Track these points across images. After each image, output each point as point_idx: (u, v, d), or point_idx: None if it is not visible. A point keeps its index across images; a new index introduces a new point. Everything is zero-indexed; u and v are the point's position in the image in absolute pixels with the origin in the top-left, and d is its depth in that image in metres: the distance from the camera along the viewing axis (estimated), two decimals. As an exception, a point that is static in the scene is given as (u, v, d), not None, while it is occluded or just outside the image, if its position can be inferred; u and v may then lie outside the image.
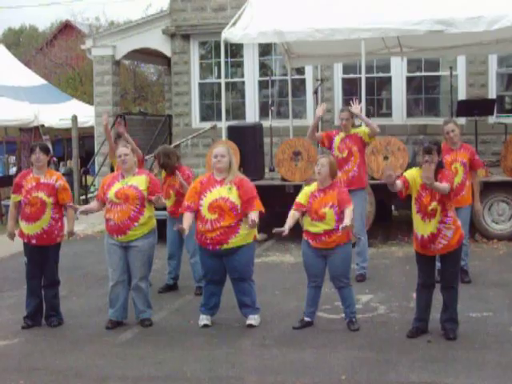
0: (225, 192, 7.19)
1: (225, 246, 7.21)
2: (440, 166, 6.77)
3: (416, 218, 6.87)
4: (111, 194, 7.43)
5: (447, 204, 6.76)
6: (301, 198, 7.35)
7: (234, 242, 7.20)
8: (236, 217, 7.17)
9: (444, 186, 6.61)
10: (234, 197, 7.17)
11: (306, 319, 7.37)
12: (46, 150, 7.73)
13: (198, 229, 7.30)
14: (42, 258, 7.72)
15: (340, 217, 7.11)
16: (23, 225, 7.70)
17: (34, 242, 7.67)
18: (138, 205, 7.41)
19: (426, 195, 6.75)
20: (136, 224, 7.40)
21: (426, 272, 6.96)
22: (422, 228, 6.79)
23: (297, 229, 12.13)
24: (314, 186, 7.32)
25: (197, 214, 7.29)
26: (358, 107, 9.07)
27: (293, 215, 7.28)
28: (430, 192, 6.71)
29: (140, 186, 7.45)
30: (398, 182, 6.75)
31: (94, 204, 7.83)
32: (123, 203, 7.38)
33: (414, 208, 6.88)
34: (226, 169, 7.27)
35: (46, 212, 7.61)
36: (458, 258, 7.02)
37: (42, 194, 7.58)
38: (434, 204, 6.71)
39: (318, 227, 7.15)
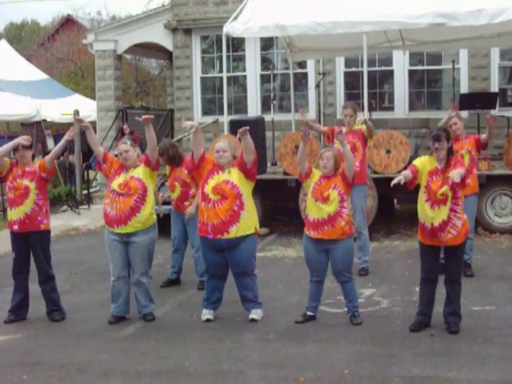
0: (225, 176, 7.27)
1: (225, 236, 7.20)
2: (450, 153, 6.76)
3: (425, 208, 6.76)
4: (115, 184, 7.45)
5: (459, 191, 6.73)
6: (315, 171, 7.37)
7: (234, 231, 7.20)
8: (237, 197, 7.19)
9: (460, 171, 6.54)
10: (234, 177, 7.24)
11: (309, 313, 7.37)
12: (29, 146, 7.81)
13: (200, 213, 7.32)
14: (27, 249, 7.74)
15: (344, 199, 7.16)
16: (9, 211, 7.78)
17: (16, 227, 7.68)
18: (140, 195, 7.42)
19: (435, 181, 6.69)
20: (137, 214, 7.40)
21: (430, 265, 6.93)
22: (432, 216, 6.70)
23: (299, 223, 12.13)
24: (318, 174, 7.31)
25: (201, 195, 7.35)
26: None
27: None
28: (441, 177, 6.68)
29: (141, 175, 7.47)
30: (407, 173, 6.75)
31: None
32: (126, 194, 7.41)
33: (423, 197, 6.78)
34: (228, 163, 7.29)
35: (29, 197, 7.66)
36: (463, 252, 7.00)
37: (25, 181, 7.68)
38: (444, 189, 6.63)
39: (322, 210, 7.12)
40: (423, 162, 6.84)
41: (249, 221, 7.30)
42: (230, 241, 7.23)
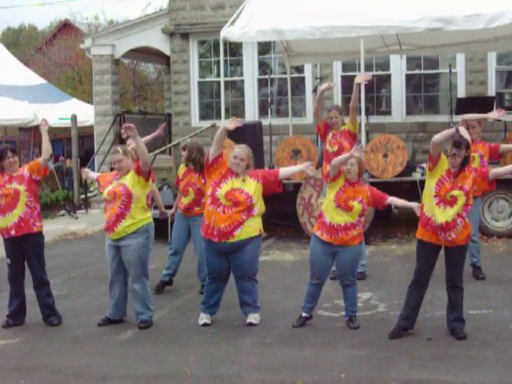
0: (238, 183, 7.26)
1: (230, 240, 7.21)
2: (466, 162, 6.68)
3: (430, 202, 6.68)
4: (105, 192, 7.52)
5: (470, 199, 6.69)
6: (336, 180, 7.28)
7: (238, 234, 7.21)
8: (249, 208, 7.21)
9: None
10: (249, 188, 7.26)
11: (304, 315, 7.35)
12: (15, 151, 7.88)
13: (207, 215, 7.31)
14: (22, 254, 7.72)
15: (365, 210, 7.17)
16: (0, 220, 7.70)
17: (13, 232, 7.64)
18: (124, 201, 7.40)
19: (448, 181, 6.62)
20: (122, 220, 7.38)
21: (424, 268, 6.88)
22: (437, 213, 6.63)
23: (297, 228, 12.15)
24: (341, 182, 7.25)
25: (211, 197, 7.30)
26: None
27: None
28: (455, 181, 6.62)
29: (127, 182, 7.46)
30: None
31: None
32: (113, 201, 7.44)
33: (433, 191, 6.66)
34: (241, 173, 7.31)
35: (20, 200, 7.64)
36: (464, 257, 6.89)
37: (14, 184, 7.65)
38: (456, 192, 6.59)
39: (342, 216, 7.11)
40: (444, 158, 6.74)
41: (253, 224, 7.30)
42: (235, 244, 7.24)
